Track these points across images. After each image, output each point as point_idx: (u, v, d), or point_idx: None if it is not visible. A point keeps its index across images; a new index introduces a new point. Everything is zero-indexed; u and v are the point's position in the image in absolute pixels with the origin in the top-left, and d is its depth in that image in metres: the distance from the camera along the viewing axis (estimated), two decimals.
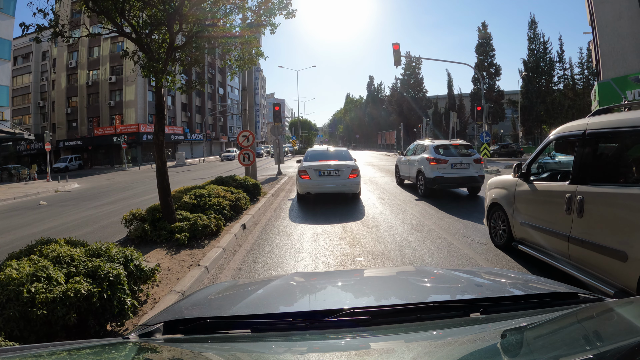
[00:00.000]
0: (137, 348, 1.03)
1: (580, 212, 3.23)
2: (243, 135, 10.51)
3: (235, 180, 8.79)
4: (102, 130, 38.92)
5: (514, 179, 4.54)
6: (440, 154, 9.53)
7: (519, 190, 4.39)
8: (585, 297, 1.30)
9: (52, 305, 2.82)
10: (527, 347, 0.94)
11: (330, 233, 6.18)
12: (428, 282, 1.70)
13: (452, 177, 9.28)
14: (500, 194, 4.85)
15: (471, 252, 4.94)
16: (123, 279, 3.09)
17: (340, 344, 1.06)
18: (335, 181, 8.78)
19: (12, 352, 1.00)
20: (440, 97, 47.52)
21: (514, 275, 1.79)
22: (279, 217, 7.65)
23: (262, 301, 1.41)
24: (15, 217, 10.52)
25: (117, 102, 39.21)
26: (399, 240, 5.64)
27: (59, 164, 38.52)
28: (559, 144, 4.13)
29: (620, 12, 18.29)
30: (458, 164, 9.37)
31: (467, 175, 9.33)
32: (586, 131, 3.32)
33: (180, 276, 4.13)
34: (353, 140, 76.27)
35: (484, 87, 40.12)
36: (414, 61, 46.00)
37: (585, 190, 3.22)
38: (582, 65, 41.77)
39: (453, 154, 9.56)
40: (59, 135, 42.54)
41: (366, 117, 68.64)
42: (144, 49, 5.53)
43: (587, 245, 3.18)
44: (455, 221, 6.78)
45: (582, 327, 1.07)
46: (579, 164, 3.35)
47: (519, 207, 4.39)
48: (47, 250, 3.40)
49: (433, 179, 9.28)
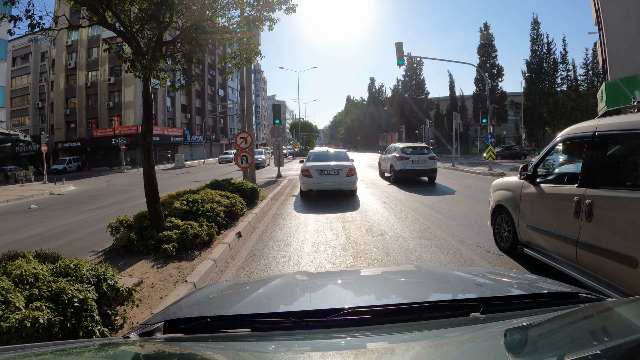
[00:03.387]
0: (137, 347, 1.03)
1: (589, 216, 3.15)
2: (241, 136, 10.06)
3: (231, 184, 8.34)
4: (100, 131, 38.52)
5: (520, 181, 4.43)
6: (405, 153, 13.07)
7: (525, 192, 4.29)
8: (586, 296, 1.30)
9: (6, 337, 2.40)
10: (527, 347, 0.93)
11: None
12: (428, 282, 1.70)
13: (413, 169, 12.93)
14: (505, 197, 4.76)
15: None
16: (91, 303, 2.66)
17: (341, 343, 1.05)
18: (334, 179, 9.86)
19: (12, 351, 0.98)
20: (442, 99, 47.04)
21: (514, 275, 1.80)
22: (277, 224, 7.21)
23: (263, 300, 1.41)
24: (2, 222, 10.09)
25: (116, 104, 38.84)
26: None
27: (57, 166, 38.18)
28: (566, 146, 3.98)
29: (627, 12, 17.88)
30: (417, 160, 12.92)
31: (423, 168, 12.95)
32: (595, 133, 3.23)
33: (165, 294, 3.70)
34: (354, 142, 75.87)
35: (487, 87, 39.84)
36: (415, 62, 45.62)
37: (594, 194, 3.14)
38: (587, 66, 41.46)
39: (414, 153, 13.09)
40: (58, 136, 42.20)
41: (367, 118, 68.20)
42: (129, 42, 5.12)
43: (595, 250, 3.10)
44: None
45: (582, 326, 1.07)
46: (588, 167, 3.27)
47: (525, 210, 4.30)
48: (12, 267, 2.97)
49: (400, 170, 13.01)
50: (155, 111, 41.80)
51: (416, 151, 13.10)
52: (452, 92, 44.12)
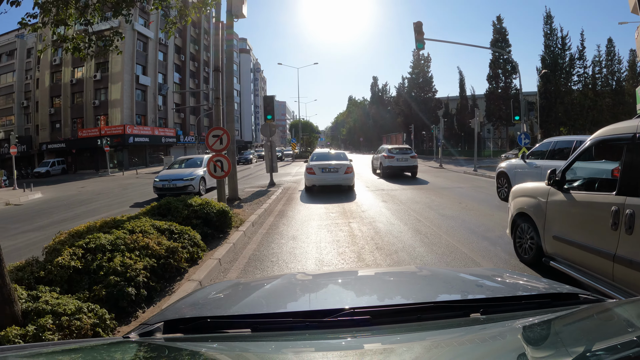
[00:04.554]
0: (137, 347, 1.02)
1: (629, 228, 2.80)
2: (214, 134, 7.33)
3: (189, 205, 5.54)
4: (86, 131, 35.93)
5: (546, 186, 4.01)
6: (391, 153, 15.88)
7: (553, 200, 3.88)
8: (586, 297, 1.29)
9: None
10: (527, 348, 0.92)
11: None
12: (428, 282, 1.69)
13: (397, 166, 15.69)
14: (529, 204, 4.36)
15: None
16: None
17: (341, 343, 1.05)
18: (334, 176, 11.35)
19: (12, 351, 0.96)
20: (452, 99, 44.34)
21: (514, 275, 1.80)
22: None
23: (262, 300, 1.42)
24: None
25: (102, 102, 36.23)
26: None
27: (40, 169, 35.68)
28: (600, 149, 3.28)
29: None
30: (401, 159, 15.69)
31: (406, 165, 15.69)
32: (637, 134, 2.89)
33: None
34: (356, 143, 73.42)
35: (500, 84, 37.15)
36: (423, 59, 42.96)
37: (636, 203, 2.79)
38: (600, 63, 39.01)
39: (399, 153, 15.91)
40: (43, 137, 39.69)
41: (370, 119, 65.65)
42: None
43: (637, 266, 2.73)
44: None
45: (582, 327, 1.07)
46: (628, 172, 2.93)
47: (552, 219, 3.89)
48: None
49: (386, 167, 15.79)
50: (144, 110, 39.26)
51: (401, 151, 16.19)
52: (462, 89, 41.44)
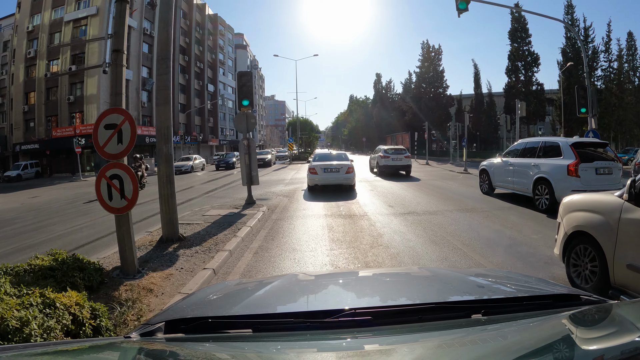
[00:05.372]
0: (138, 347, 1.03)
1: None
2: (106, 123, 3.86)
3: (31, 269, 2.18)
4: (60, 131, 32.41)
5: (618, 200, 3.22)
6: (387, 153, 18.13)
7: (628, 218, 3.08)
8: (587, 299, 1.28)
9: None
10: (528, 349, 0.92)
11: None
12: (430, 283, 1.68)
13: (392, 165, 17.84)
14: (592, 221, 3.45)
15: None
16: None
17: (342, 344, 1.05)
18: (335, 176, 12.19)
19: (12, 350, 0.98)
20: (465, 97, 40.69)
21: (516, 276, 1.80)
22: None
23: (264, 301, 1.42)
24: None
25: (77, 98, 32.69)
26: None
27: (11, 172, 32.21)
28: None
29: None
30: (396, 158, 17.80)
31: (400, 164, 17.78)
32: None
33: None
34: (358, 144, 69.86)
35: (521, 78, 33.52)
36: (434, 51, 39.31)
37: None
38: (621, 58, 35.52)
39: (394, 153, 18.07)
40: (16, 137, 36.22)
41: (373, 118, 62.01)
42: None
43: None
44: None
45: (583, 328, 1.06)
46: None
47: (627, 243, 3.11)
48: None
49: (382, 166, 18.09)
50: (125, 106, 35.69)
51: (396, 152, 17.86)
52: (477, 84, 37.82)
